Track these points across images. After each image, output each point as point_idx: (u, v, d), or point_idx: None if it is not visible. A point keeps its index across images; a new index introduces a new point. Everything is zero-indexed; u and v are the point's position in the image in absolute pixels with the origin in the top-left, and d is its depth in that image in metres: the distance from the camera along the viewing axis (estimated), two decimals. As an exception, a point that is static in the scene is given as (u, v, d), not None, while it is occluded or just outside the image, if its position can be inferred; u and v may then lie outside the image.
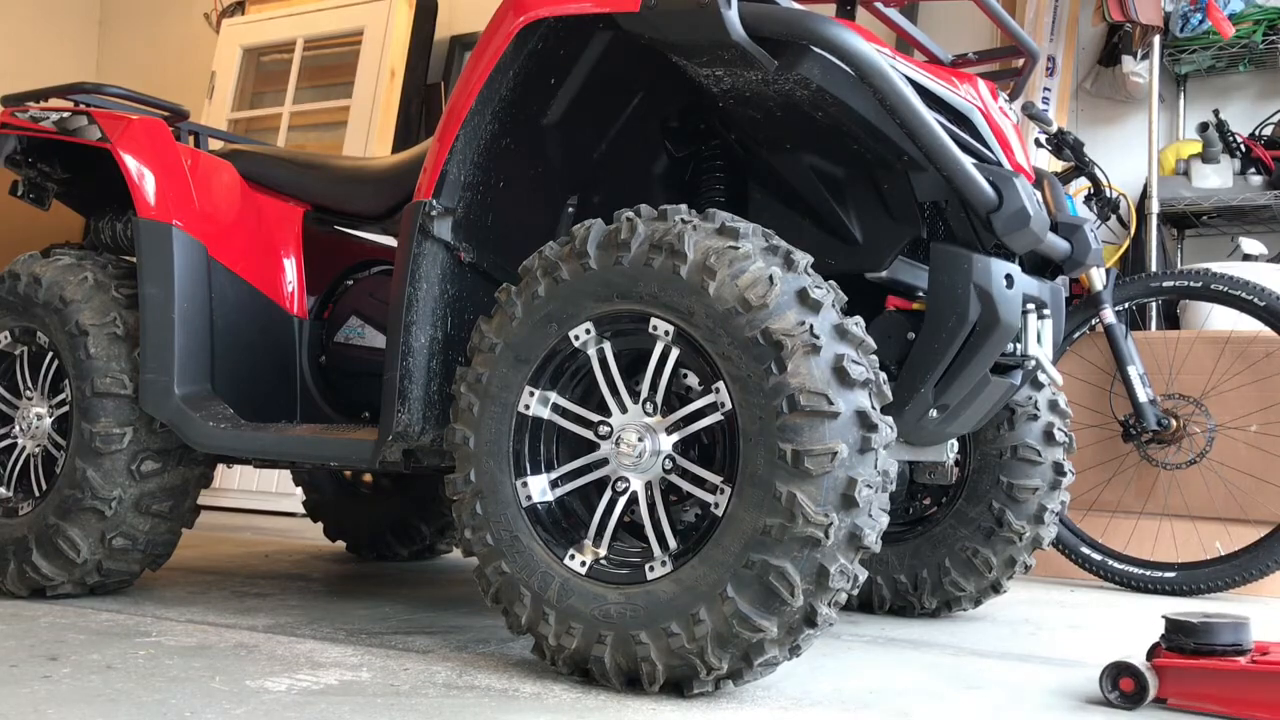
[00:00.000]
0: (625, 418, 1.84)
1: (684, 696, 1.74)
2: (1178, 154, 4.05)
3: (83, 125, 2.59)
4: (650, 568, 1.77)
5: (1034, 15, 4.40)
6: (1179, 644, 1.82)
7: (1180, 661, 1.79)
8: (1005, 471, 2.52)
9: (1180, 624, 1.81)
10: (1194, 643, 1.80)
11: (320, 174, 2.74)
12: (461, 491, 1.92)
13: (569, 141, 2.23)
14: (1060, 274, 2.23)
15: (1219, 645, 1.78)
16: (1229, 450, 3.42)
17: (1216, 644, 1.78)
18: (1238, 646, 1.78)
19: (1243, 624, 1.80)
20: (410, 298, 2.07)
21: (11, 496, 2.62)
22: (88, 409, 2.43)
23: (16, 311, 2.60)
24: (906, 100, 1.81)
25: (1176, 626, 1.82)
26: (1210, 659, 1.77)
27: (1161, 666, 1.80)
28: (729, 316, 1.69)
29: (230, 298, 2.55)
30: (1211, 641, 1.79)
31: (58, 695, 1.65)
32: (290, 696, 1.68)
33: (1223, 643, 1.78)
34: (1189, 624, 1.80)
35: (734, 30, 1.79)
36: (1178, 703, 1.79)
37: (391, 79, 5.34)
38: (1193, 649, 1.80)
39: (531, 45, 2.02)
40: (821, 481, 1.62)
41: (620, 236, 1.80)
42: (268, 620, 2.33)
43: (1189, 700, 1.78)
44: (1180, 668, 1.79)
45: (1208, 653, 1.78)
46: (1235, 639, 1.78)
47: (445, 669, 1.91)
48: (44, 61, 6.72)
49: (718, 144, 2.30)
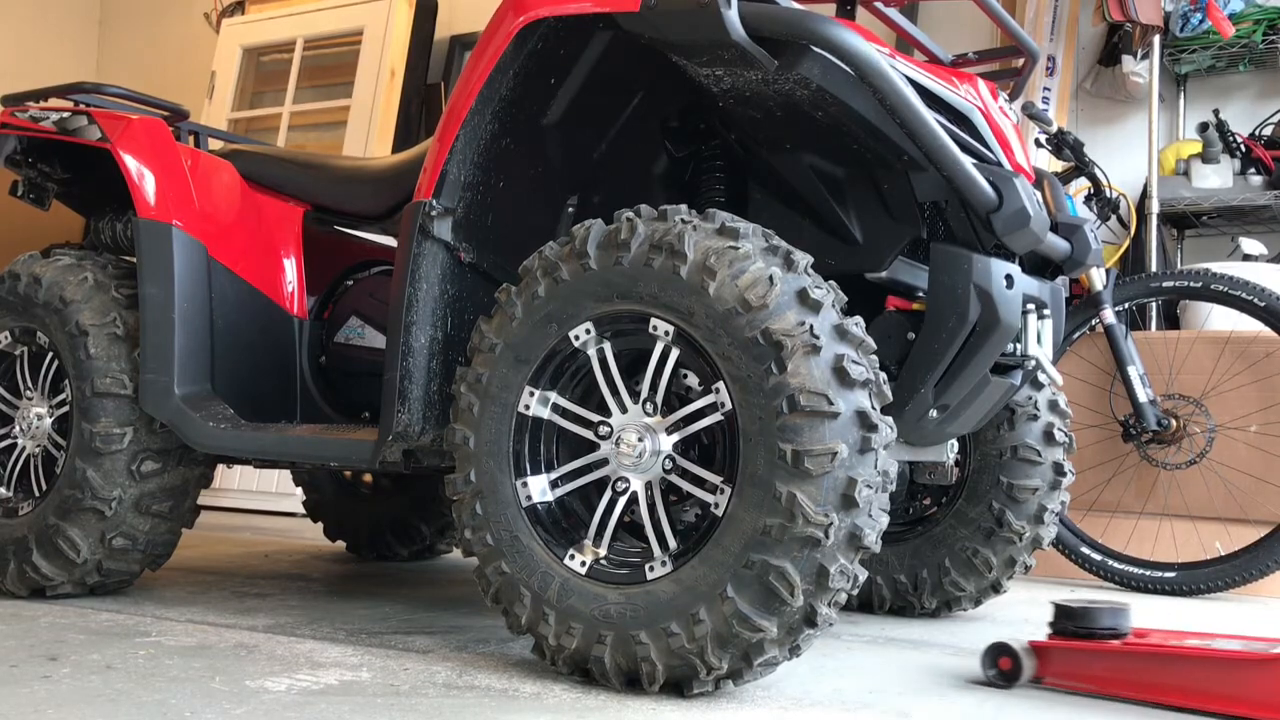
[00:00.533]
0: (625, 418, 1.84)
1: (684, 696, 1.74)
2: (1178, 154, 4.05)
3: (83, 125, 2.59)
4: (650, 568, 1.77)
5: (1034, 15, 4.40)
6: (1062, 627, 1.92)
7: (1058, 643, 1.90)
8: (1005, 471, 2.52)
9: (1064, 609, 1.92)
10: (1075, 626, 1.90)
11: (320, 174, 2.74)
12: (461, 491, 1.92)
13: (569, 141, 2.23)
14: (1060, 274, 2.23)
15: (1098, 629, 1.88)
16: (1229, 450, 3.41)
17: (1096, 628, 1.88)
18: (1114, 630, 1.88)
19: (1122, 610, 1.90)
20: (410, 298, 2.07)
21: (11, 496, 2.62)
22: (88, 409, 2.43)
23: (16, 311, 2.60)
24: (906, 100, 1.81)
25: (1061, 612, 1.92)
26: (1086, 641, 1.87)
27: (1040, 647, 1.90)
28: (729, 317, 1.69)
29: (230, 298, 2.55)
30: (1091, 625, 1.89)
31: (58, 695, 1.65)
32: (290, 696, 1.68)
33: (1101, 626, 1.88)
34: (1071, 609, 1.91)
35: (734, 30, 1.79)
36: (1054, 681, 1.89)
37: (391, 79, 5.34)
38: (1073, 632, 1.90)
39: (531, 45, 2.02)
40: (821, 481, 1.62)
41: (620, 236, 1.80)
42: (268, 620, 2.33)
43: (1065, 680, 1.88)
44: (1059, 649, 1.89)
45: (1086, 635, 1.88)
46: (1113, 623, 1.89)
47: (445, 669, 1.91)
48: (44, 61, 6.72)
49: (718, 144, 2.30)
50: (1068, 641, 1.90)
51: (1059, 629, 1.93)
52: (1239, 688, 1.72)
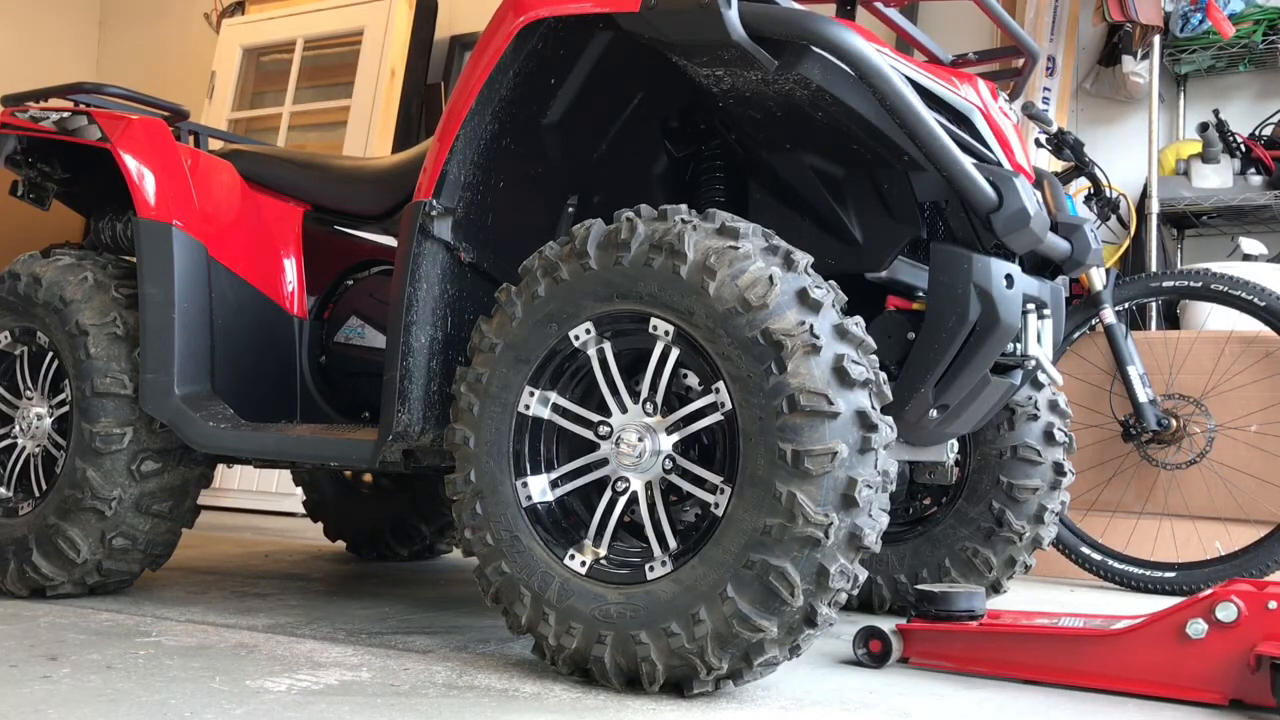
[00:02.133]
0: (625, 418, 1.84)
1: (684, 696, 1.74)
2: (1178, 154, 4.05)
3: (83, 125, 2.59)
4: (650, 568, 1.77)
5: (1034, 15, 4.40)
6: (924, 611, 2.07)
7: (920, 625, 2.06)
8: (1005, 471, 2.52)
9: (925, 594, 2.08)
10: (935, 609, 2.06)
11: (320, 174, 2.74)
12: (461, 491, 1.92)
13: (569, 141, 2.23)
14: (1060, 274, 2.23)
15: (956, 611, 2.05)
16: (1229, 450, 3.41)
17: (954, 610, 2.05)
18: (971, 612, 2.05)
19: (977, 594, 2.07)
20: (410, 298, 2.07)
21: (11, 496, 2.62)
22: (88, 409, 2.43)
23: (16, 311, 2.60)
24: (906, 100, 1.81)
25: (922, 596, 2.08)
26: (946, 623, 2.03)
27: (905, 630, 2.06)
28: (729, 316, 1.69)
29: (230, 298, 2.55)
30: (949, 608, 2.05)
31: (58, 695, 1.65)
32: (290, 696, 1.68)
33: (959, 609, 2.05)
34: (932, 594, 2.07)
35: (734, 30, 1.79)
36: (919, 661, 2.05)
37: (391, 79, 5.34)
38: (934, 615, 2.06)
39: (531, 45, 2.02)
40: (821, 481, 1.62)
41: (620, 236, 1.80)
42: (268, 620, 2.33)
43: (928, 659, 2.05)
44: (922, 631, 2.05)
45: (946, 618, 2.04)
46: (969, 606, 2.05)
47: (445, 669, 1.91)
48: (44, 61, 6.72)
49: (718, 144, 2.30)
50: (929, 624, 2.05)
51: (921, 612, 2.07)
52: (1079, 661, 1.91)
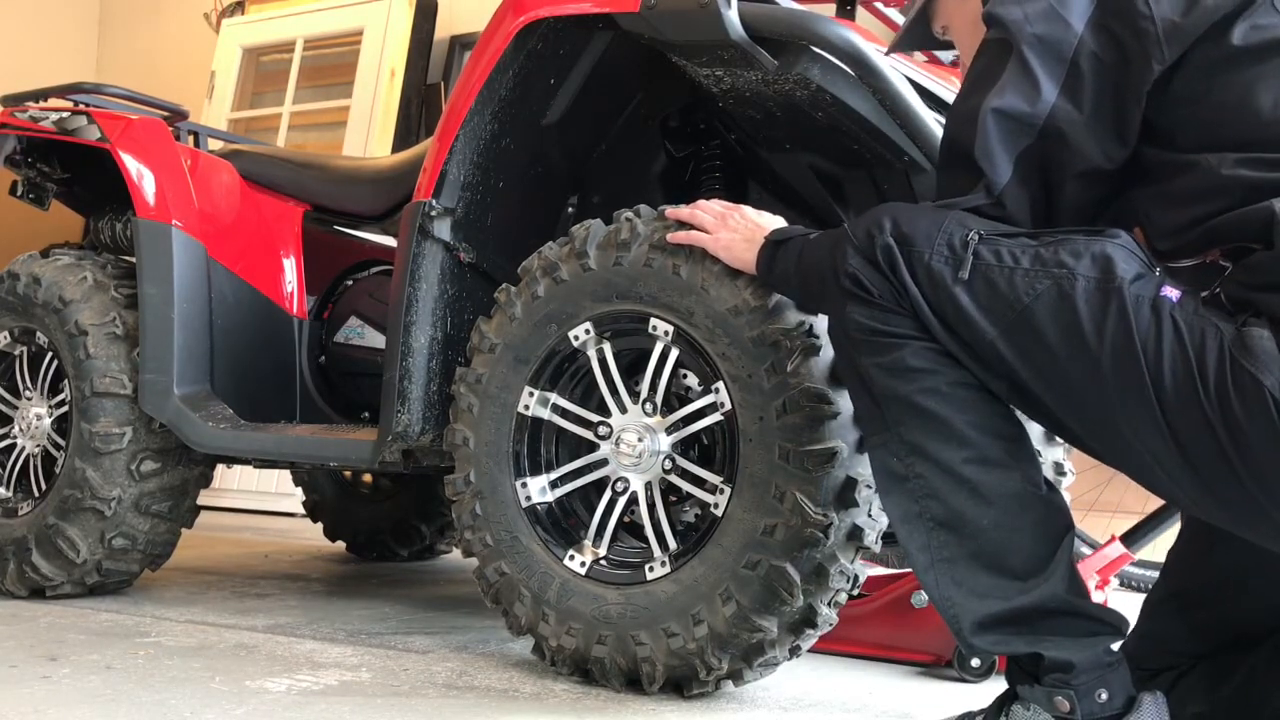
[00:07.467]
0: (625, 418, 1.84)
1: (684, 697, 1.74)
2: (1178, 154, 4.04)
3: (82, 125, 2.59)
4: (650, 568, 1.77)
5: (1034, 15, 4.39)
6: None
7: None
8: (1005, 471, 2.51)
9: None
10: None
11: (320, 174, 2.74)
12: (461, 492, 1.92)
13: (569, 141, 2.23)
14: (1060, 274, 2.22)
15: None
16: (1229, 450, 3.41)
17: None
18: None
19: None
20: (410, 298, 2.07)
21: (11, 496, 2.62)
22: (87, 409, 2.43)
23: (16, 311, 2.60)
24: (906, 100, 1.81)
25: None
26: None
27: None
28: (728, 316, 1.69)
29: (230, 298, 2.55)
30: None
31: (58, 695, 1.65)
32: (290, 697, 1.68)
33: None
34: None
35: (734, 30, 1.79)
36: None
37: (391, 79, 5.33)
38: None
39: (531, 45, 2.02)
40: (821, 481, 1.62)
41: (620, 236, 1.80)
42: (267, 620, 2.33)
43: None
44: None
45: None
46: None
47: (445, 669, 1.91)
48: (44, 61, 6.72)
49: (718, 144, 2.30)
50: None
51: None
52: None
